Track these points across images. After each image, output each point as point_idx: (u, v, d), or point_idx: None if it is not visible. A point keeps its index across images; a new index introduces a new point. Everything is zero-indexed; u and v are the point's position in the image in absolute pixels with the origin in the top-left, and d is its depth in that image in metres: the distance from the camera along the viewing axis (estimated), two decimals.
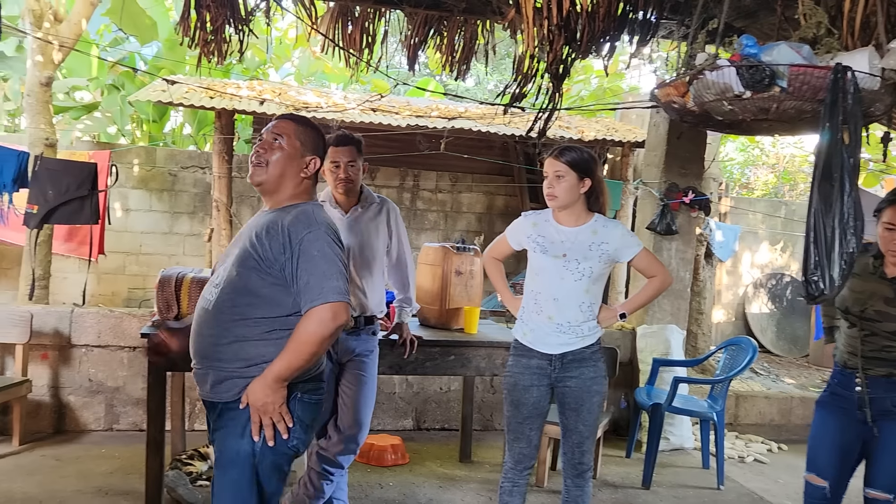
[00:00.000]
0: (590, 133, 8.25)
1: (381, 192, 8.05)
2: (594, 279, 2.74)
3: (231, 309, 2.05)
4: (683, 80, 2.63)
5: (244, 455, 2.03)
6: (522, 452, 2.82)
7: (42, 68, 6.48)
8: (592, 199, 2.78)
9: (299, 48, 11.56)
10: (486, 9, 4.50)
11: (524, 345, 2.81)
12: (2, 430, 4.32)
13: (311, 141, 2.20)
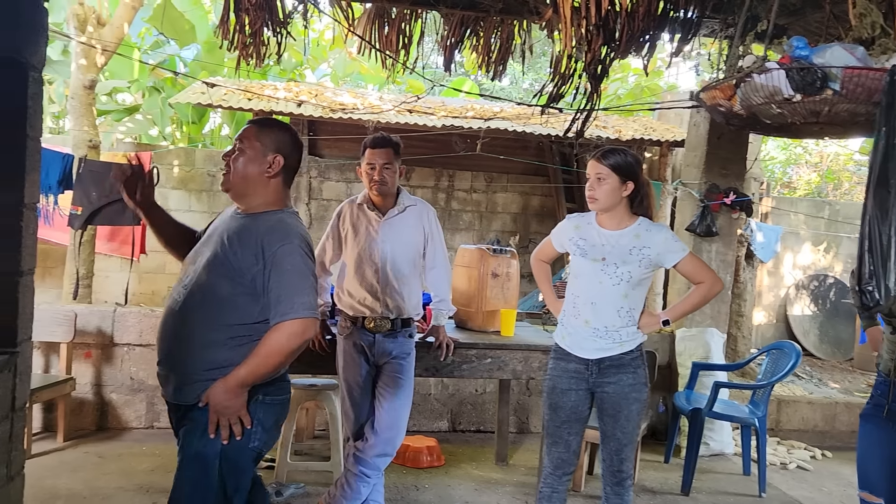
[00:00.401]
0: (627, 132, 8.15)
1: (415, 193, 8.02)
2: (633, 284, 2.69)
3: (199, 313, 2.08)
4: (730, 82, 2.57)
5: (207, 455, 2.06)
6: (561, 457, 2.79)
7: (85, 71, 6.62)
8: (637, 203, 2.73)
9: (335, 49, 11.64)
10: (523, 9, 4.46)
11: (563, 348, 2.79)
12: (46, 426, 4.42)
13: (273, 140, 2.20)
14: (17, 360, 2.24)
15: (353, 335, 3.20)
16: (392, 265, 3.20)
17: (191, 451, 2.08)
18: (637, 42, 3.69)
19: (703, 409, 4.20)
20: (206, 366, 2.07)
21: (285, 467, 3.74)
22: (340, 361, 3.24)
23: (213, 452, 2.06)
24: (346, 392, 3.21)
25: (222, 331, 2.08)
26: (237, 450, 2.08)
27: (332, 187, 9.22)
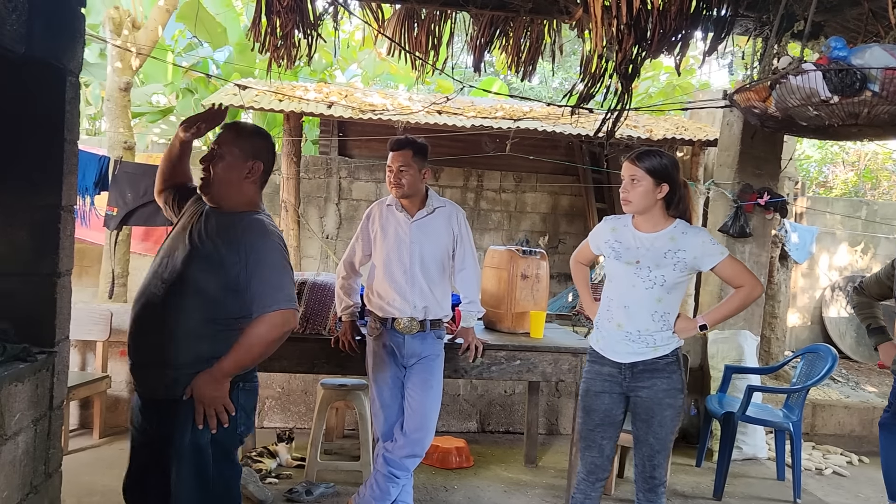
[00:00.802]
0: (658, 132, 8.06)
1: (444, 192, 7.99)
2: (668, 288, 2.64)
3: (183, 308, 2.15)
4: (765, 84, 2.52)
5: (202, 445, 2.16)
6: (594, 462, 2.77)
7: (121, 74, 6.74)
8: (674, 205, 2.68)
9: (365, 49, 11.69)
10: (553, 8, 4.44)
11: (597, 351, 2.78)
12: (83, 423, 4.50)
13: (252, 147, 2.29)
14: (55, 360, 2.29)
15: (382, 336, 3.22)
16: (421, 266, 3.20)
17: (187, 444, 2.16)
18: (669, 41, 3.65)
19: (736, 413, 4.14)
20: (193, 359, 2.15)
21: (315, 466, 3.77)
22: (370, 362, 3.26)
23: (206, 442, 2.17)
24: (376, 393, 3.22)
25: (207, 325, 2.17)
26: (227, 437, 2.21)
27: (362, 187, 9.26)
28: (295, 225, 7.79)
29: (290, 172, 7.75)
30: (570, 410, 4.97)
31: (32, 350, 2.18)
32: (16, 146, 2.18)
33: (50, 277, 2.26)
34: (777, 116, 2.65)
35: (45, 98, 2.21)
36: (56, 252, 2.25)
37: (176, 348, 2.16)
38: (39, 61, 2.13)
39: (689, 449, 4.83)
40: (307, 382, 4.77)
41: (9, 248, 2.21)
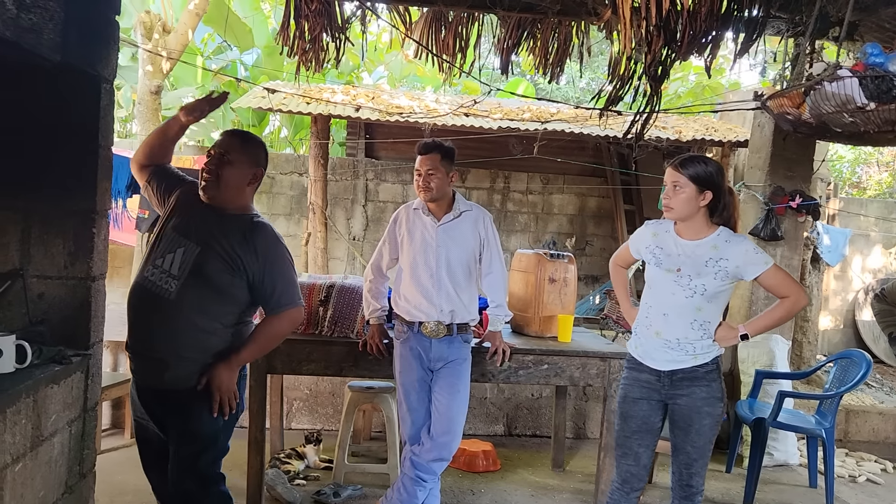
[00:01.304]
0: (688, 133, 7.98)
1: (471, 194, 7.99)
2: (709, 297, 2.59)
3: (199, 303, 2.27)
4: (798, 90, 2.48)
5: (219, 431, 2.35)
6: (630, 471, 2.73)
7: (152, 77, 6.84)
8: (718, 213, 2.63)
9: (392, 51, 11.73)
10: (581, 10, 4.41)
11: (635, 358, 2.75)
12: (115, 423, 4.57)
13: (256, 155, 2.43)
14: (90, 362, 2.33)
15: (409, 340, 3.22)
16: (448, 270, 3.20)
17: (209, 432, 2.33)
18: (699, 43, 3.60)
19: (767, 419, 4.08)
20: (208, 352, 2.29)
21: (343, 469, 3.79)
22: (397, 366, 3.26)
23: (220, 427, 2.35)
24: (403, 396, 3.23)
25: (222, 318, 2.31)
26: (233, 422, 2.40)
27: (389, 189, 9.29)
28: (322, 227, 7.84)
29: (317, 175, 7.80)
30: (598, 414, 4.93)
31: (67, 352, 2.22)
32: (52, 153, 2.22)
33: (84, 281, 2.30)
34: (811, 123, 2.60)
35: (80, 105, 2.25)
36: (90, 256, 2.30)
37: (193, 341, 2.27)
38: (74, 69, 2.16)
39: (719, 454, 4.76)
40: (334, 384, 4.79)
41: (45, 253, 2.25)
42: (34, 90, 2.17)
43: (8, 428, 1.82)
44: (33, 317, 2.24)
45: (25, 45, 1.82)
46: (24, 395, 1.90)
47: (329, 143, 8.24)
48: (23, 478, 1.92)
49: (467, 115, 7.69)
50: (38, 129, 2.20)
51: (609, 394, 3.59)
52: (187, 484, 2.35)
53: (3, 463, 1.81)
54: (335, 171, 8.95)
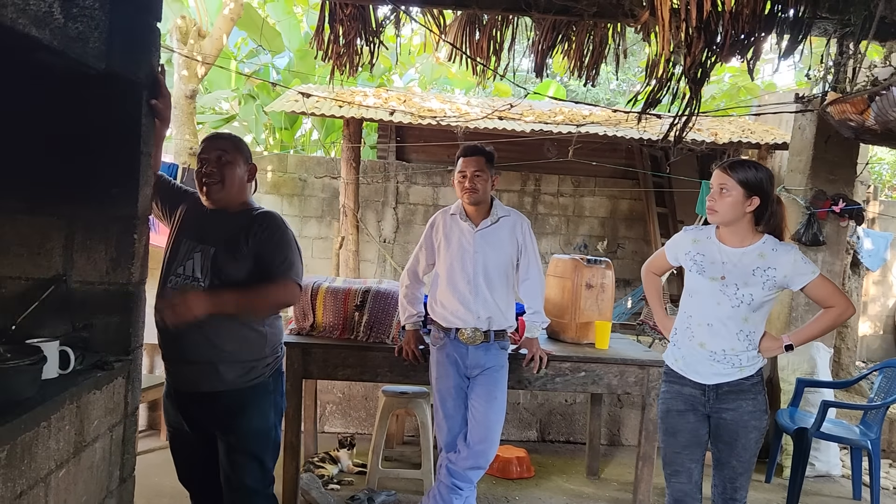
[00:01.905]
0: (724, 135, 7.85)
1: (501, 197, 7.92)
2: (755, 307, 2.52)
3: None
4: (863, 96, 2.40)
5: (269, 427, 2.44)
6: (682, 489, 2.65)
7: (187, 82, 6.91)
8: (764, 220, 2.56)
9: (423, 54, 11.74)
10: (618, 11, 4.34)
11: (676, 371, 2.66)
12: (151, 425, 4.62)
13: (246, 151, 2.53)
14: (131, 367, 2.33)
15: (446, 346, 3.20)
16: (485, 276, 3.17)
17: (260, 432, 2.42)
18: (741, 45, 3.53)
19: (810, 430, 3.98)
20: (248, 347, 2.38)
21: (377, 474, 3.78)
22: (434, 372, 3.24)
23: (270, 424, 2.45)
24: (440, 403, 3.20)
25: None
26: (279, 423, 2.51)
27: (419, 192, 9.29)
28: (353, 229, 7.85)
29: (349, 177, 7.82)
30: (634, 421, 4.86)
31: (109, 358, 2.23)
32: (95, 160, 2.23)
33: (126, 287, 2.31)
34: (875, 129, 2.52)
35: (123, 112, 2.26)
36: (132, 262, 2.30)
37: (226, 341, 2.34)
38: (118, 76, 2.17)
39: (759, 464, 4.63)
40: (367, 388, 4.79)
41: (87, 259, 2.27)
42: (79, 98, 2.18)
43: (52, 434, 1.83)
44: (76, 322, 2.25)
45: (72, 54, 1.83)
46: (67, 401, 1.91)
47: (361, 146, 8.26)
48: (66, 483, 1.93)
49: (500, 118, 7.65)
50: (82, 136, 2.22)
51: (647, 402, 3.54)
52: (248, 480, 2.43)
53: (47, 469, 1.81)
54: (366, 173, 8.97)
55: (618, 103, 12.02)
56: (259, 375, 2.43)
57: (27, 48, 1.71)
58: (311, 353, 3.43)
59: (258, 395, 2.42)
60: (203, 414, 2.42)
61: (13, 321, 2.20)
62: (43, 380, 1.87)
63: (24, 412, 1.69)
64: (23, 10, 1.57)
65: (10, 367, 1.74)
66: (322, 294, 3.54)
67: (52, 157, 2.21)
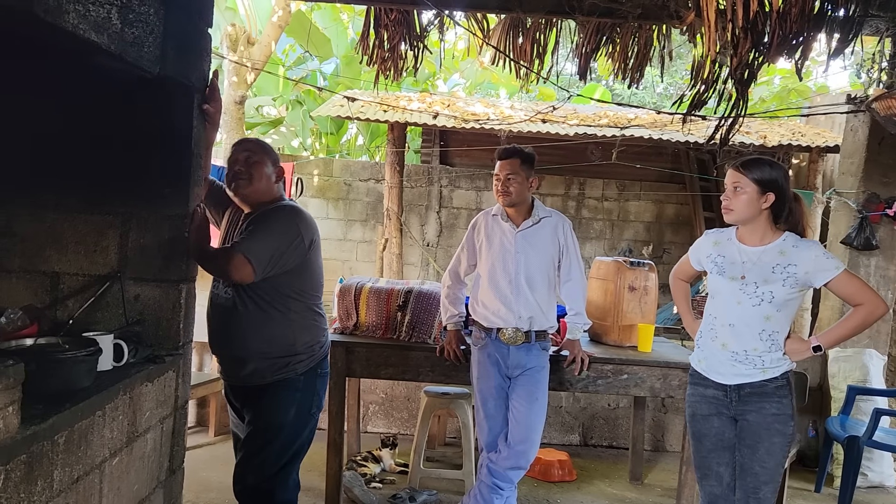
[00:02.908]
0: (773, 138, 7.71)
1: (545, 201, 7.92)
2: (777, 305, 2.47)
3: (252, 301, 2.46)
4: None
5: (282, 424, 2.50)
6: (713, 492, 2.61)
7: (237, 88, 7.07)
8: (783, 218, 2.52)
9: (467, 59, 11.79)
10: (663, 13, 4.31)
11: (699, 372, 2.64)
12: (199, 421, 4.73)
13: (273, 153, 2.64)
14: (181, 362, 2.41)
15: (487, 346, 3.21)
16: (526, 276, 3.18)
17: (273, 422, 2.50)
18: (789, 45, 3.47)
19: (862, 438, 3.88)
20: (275, 343, 2.48)
21: (418, 473, 3.81)
22: (475, 372, 3.26)
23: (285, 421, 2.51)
24: (481, 403, 3.22)
25: (277, 308, 2.48)
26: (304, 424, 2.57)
27: (462, 196, 9.32)
28: (397, 233, 7.93)
29: (393, 181, 7.90)
30: (678, 427, 4.80)
31: (161, 352, 2.31)
32: (150, 161, 2.32)
33: (177, 284, 2.39)
34: None
35: (176, 115, 2.34)
36: (183, 260, 2.38)
37: (253, 338, 2.47)
38: (171, 80, 2.26)
39: (808, 473, 4.56)
40: (410, 389, 4.83)
41: (141, 256, 2.35)
42: (136, 101, 2.27)
43: (107, 423, 1.91)
44: (130, 317, 2.34)
45: (128, 58, 1.91)
46: (121, 391, 1.99)
47: (405, 150, 8.33)
48: (119, 471, 2.01)
49: (544, 121, 7.64)
50: (138, 137, 2.31)
51: None
52: (248, 478, 2.52)
53: (102, 457, 1.89)
54: (410, 177, 9.05)
55: (664, 107, 11.88)
56: (285, 372, 2.50)
57: (86, 52, 1.79)
58: (354, 351, 3.48)
59: (279, 390, 2.50)
60: (238, 401, 2.62)
61: (71, 315, 2.30)
62: (98, 371, 1.96)
63: (81, 401, 1.77)
64: (84, 17, 1.65)
65: (69, 357, 1.82)
66: (365, 294, 3.59)
67: (108, 157, 2.31)
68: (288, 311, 2.50)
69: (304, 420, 2.56)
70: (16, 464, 1.48)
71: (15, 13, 1.43)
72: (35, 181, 2.31)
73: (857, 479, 3.93)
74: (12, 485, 1.47)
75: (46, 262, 2.34)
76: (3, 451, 1.43)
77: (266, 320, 2.47)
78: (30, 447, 1.53)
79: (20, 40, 1.78)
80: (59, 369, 1.77)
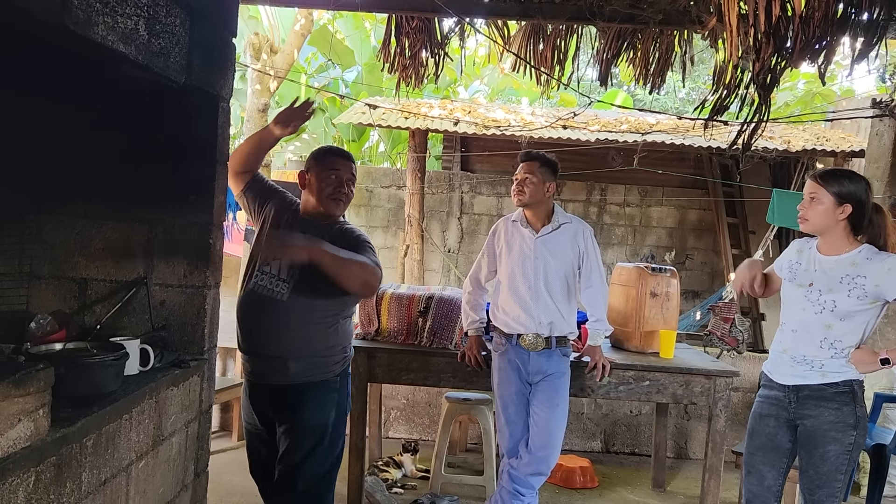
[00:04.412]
0: (797, 143, 7.63)
1: (566, 206, 7.87)
2: (840, 315, 2.44)
3: (307, 303, 2.46)
4: None
5: (327, 424, 2.51)
6: (752, 491, 2.66)
7: (259, 96, 7.15)
8: (863, 229, 2.50)
9: (489, 65, 11.82)
10: (684, 18, 4.30)
11: (766, 374, 2.70)
12: (223, 426, 4.78)
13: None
14: (205, 367, 2.45)
15: (507, 352, 3.22)
16: (546, 282, 3.18)
17: (318, 424, 2.50)
18: (812, 49, 3.45)
19: (889, 446, 3.83)
20: (319, 346, 2.51)
21: (440, 479, 3.81)
22: (495, 378, 3.26)
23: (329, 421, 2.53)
24: (501, 409, 3.23)
25: (327, 315, 2.51)
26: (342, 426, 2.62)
27: (484, 202, 9.33)
28: (419, 239, 7.95)
29: (414, 188, 7.93)
30: (700, 434, 4.76)
31: (186, 357, 2.35)
32: (176, 169, 2.36)
33: (201, 290, 2.43)
34: None
35: (201, 123, 2.38)
36: (207, 266, 2.42)
37: (301, 338, 2.47)
38: (196, 89, 2.30)
39: None
40: (431, 395, 4.84)
41: (167, 263, 2.39)
42: (162, 110, 2.32)
43: (133, 427, 1.94)
44: (156, 322, 2.38)
45: (156, 69, 1.95)
46: (147, 396, 2.02)
47: (426, 156, 8.36)
48: (145, 474, 2.04)
49: (564, 127, 7.64)
50: (164, 145, 2.35)
51: (714, 413, 3.47)
52: (300, 484, 2.48)
53: (128, 460, 1.92)
54: (431, 184, 9.08)
55: (687, 112, 11.82)
56: (325, 372, 2.52)
57: (114, 62, 1.83)
58: (375, 356, 3.51)
59: (321, 391, 2.51)
60: (270, 406, 2.54)
61: (98, 321, 2.35)
62: (125, 376, 1.99)
63: (109, 404, 1.80)
64: (112, 28, 1.69)
65: (97, 361, 1.86)
66: (387, 300, 3.62)
67: (135, 165, 2.35)
68: (330, 313, 2.53)
69: (343, 420, 2.60)
70: (46, 465, 1.51)
71: (46, 25, 1.47)
72: (64, 189, 2.36)
73: (884, 487, 3.87)
74: (42, 486, 1.51)
75: (75, 269, 2.39)
76: (34, 453, 1.47)
77: (313, 321, 2.49)
78: (59, 449, 1.56)
79: (52, 51, 1.82)
80: (87, 373, 1.81)
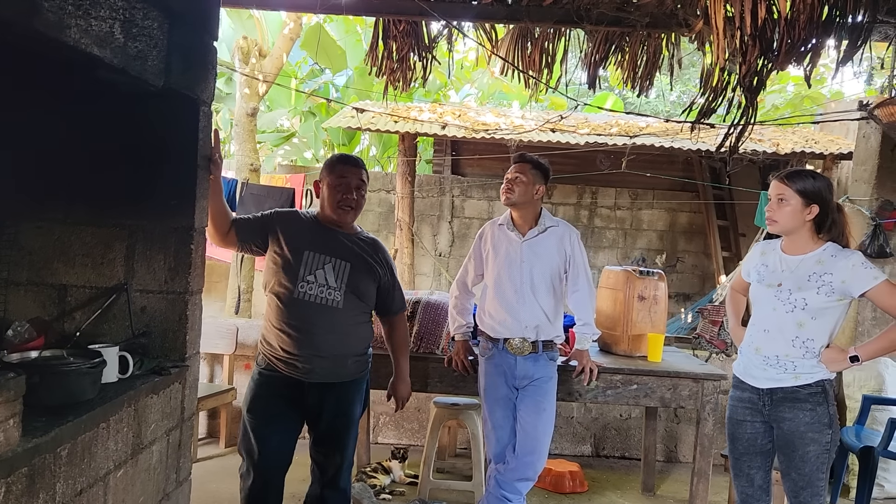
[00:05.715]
0: (786, 145, 7.65)
1: (557, 210, 7.87)
2: (811, 313, 2.48)
3: (354, 308, 2.68)
4: None
5: (358, 419, 2.81)
6: (744, 492, 2.69)
7: (248, 100, 7.12)
8: (825, 228, 2.53)
9: (479, 69, 11.82)
10: (671, 21, 4.30)
11: (737, 376, 2.71)
12: (210, 433, 4.74)
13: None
14: (187, 374, 2.42)
15: (494, 357, 3.20)
16: (532, 286, 3.17)
17: (355, 416, 2.78)
18: (798, 51, 3.45)
19: (877, 448, 3.82)
20: (362, 344, 2.76)
21: (428, 485, 3.79)
22: (482, 383, 3.24)
23: (359, 416, 2.84)
24: (488, 414, 3.20)
25: (364, 317, 2.76)
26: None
27: (474, 205, 9.32)
28: (409, 243, 7.93)
29: (404, 192, 7.91)
30: (690, 437, 4.75)
31: (166, 364, 2.32)
32: (155, 173, 2.33)
33: (183, 296, 2.40)
34: None
35: (181, 128, 2.36)
36: (189, 272, 2.39)
37: (352, 339, 2.70)
38: (176, 93, 2.27)
39: None
40: (420, 400, 4.81)
41: (147, 268, 2.37)
42: (141, 114, 2.29)
43: (111, 435, 1.91)
44: (136, 329, 2.35)
45: (132, 72, 1.93)
46: (126, 404, 1.99)
47: (416, 160, 8.35)
48: (124, 483, 2.01)
49: (554, 130, 7.63)
50: (144, 150, 2.33)
51: (702, 416, 3.46)
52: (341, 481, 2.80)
53: (106, 469, 1.89)
54: (422, 187, 9.06)
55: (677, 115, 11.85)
56: (365, 369, 2.82)
57: (90, 66, 1.81)
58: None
59: (360, 388, 2.80)
60: (320, 400, 2.68)
61: (78, 328, 2.32)
62: (103, 383, 1.96)
63: (84, 413, 1.77)
64: (86, 31, 1.67)
65: (72, 369, 1.83)
66: None
67: (115, 170, 2.32)
68: (367, 310, 2.77)
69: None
70: (17, 476, 1.48)
71: (15, 27, 1.45)
72: (42, 194, 2.33)
73: (872, 489, 3.86)
74: (14, 497, 1.48)
75: (54, 275, 2.36)
76: (4, 464, 1.44)
77: (361, 321, 2.73)
78: (31, 460, 1.53)
79: (26, 54, 1.80)
80: (62, 382, 1.78)
